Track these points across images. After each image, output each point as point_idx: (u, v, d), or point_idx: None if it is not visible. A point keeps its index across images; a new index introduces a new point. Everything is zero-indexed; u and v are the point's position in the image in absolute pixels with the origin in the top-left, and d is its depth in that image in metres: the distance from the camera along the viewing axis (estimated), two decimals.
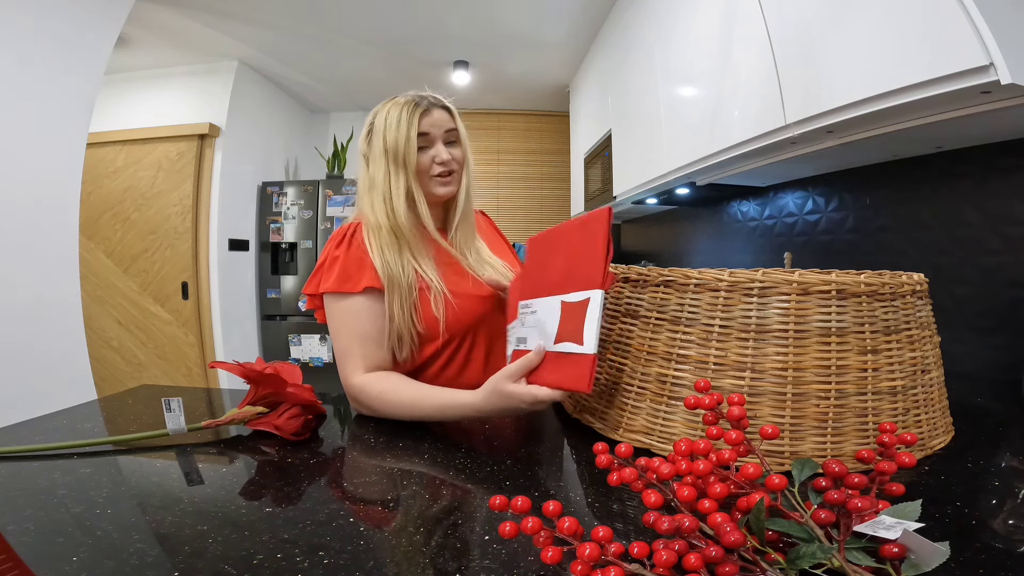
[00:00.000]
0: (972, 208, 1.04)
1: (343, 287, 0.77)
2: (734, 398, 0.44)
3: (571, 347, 0.55)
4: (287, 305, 3.27)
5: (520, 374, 0.61)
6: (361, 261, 0.79)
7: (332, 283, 0.78)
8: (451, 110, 0.86)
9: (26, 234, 1.61)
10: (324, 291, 0.79)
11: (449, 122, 0.85)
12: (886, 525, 0.33)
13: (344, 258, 0.79)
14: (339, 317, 0.79)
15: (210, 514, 0.45)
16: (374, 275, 0.78)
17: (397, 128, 0.80)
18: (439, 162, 0.83)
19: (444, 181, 0.85)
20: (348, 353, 0.78)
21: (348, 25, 2.61)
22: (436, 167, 0.83)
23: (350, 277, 0.78)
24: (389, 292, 0.78)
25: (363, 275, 0.78)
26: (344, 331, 0.78)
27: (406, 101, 0.83)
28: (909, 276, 0.59)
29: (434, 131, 0.83)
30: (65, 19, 1.70)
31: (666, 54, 1.78)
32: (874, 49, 0.87)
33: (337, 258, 0.79)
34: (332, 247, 0.82)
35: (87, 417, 0.74)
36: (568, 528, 0.35)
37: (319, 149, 3.76)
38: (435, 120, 0.83)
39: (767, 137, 1.18)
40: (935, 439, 0.59)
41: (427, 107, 0.83)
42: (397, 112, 0.82)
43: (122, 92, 2.96)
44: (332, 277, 0.78)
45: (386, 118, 0.82)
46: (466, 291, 0.83)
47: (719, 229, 2.12)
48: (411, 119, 0.81)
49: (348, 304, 0.78)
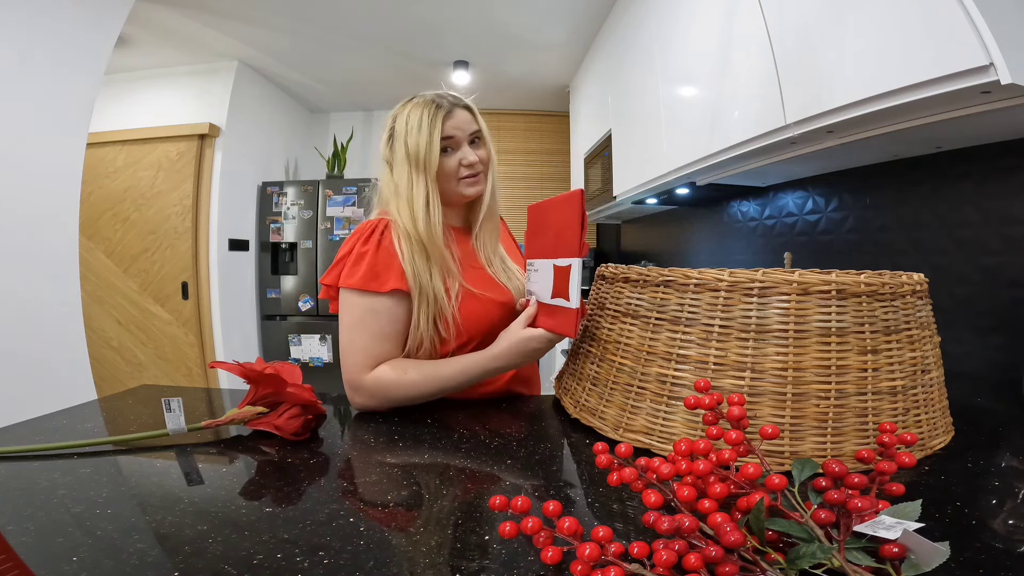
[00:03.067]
0: (972, 208, 1.04)
1: (369, 286, 0.76)
2: (734, 398, 0.44)
3: (562, 302, 0.68)
4: (287, 305, 3.28)
5: (527, 322, 0.73)
6: (389, 263, 0.78)
7: (358, 279, 0.76)
8: (472, 109, 0.85)
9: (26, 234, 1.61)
10: (348, 286, 0.77)
11: (472, 123, 0.84)
12: (886, 525, 0.33)
13: (373, 256, 0.78)
14: (358, 314, 0.78)
15: (210, 514, 0.45)
16: (401, 278, 0.77)
17: (419, 132, 0.79)
18: (466, 164, 0.83)
19: (472, 182, 0.84)
20: (362, 350, 0.77)
21: (348, 25, 2.61)
22: (463, 170, 0.83)
23: (377, 276, 0.77)
24: (417, 299, 0.78)
25: (391, 276, 0.77)
26: (362, 328, 0.77)
27: (426, 103, 0.81)
28: (909, 276, 0.59)
29: (459, 134, 0.82)
30: (65, 19, 1.70)
31: (666, 54, 1.78)
32: (874, 49, 0.87)
33: (365, 254, 0.78)
34: (359, 242, 0.80)
35: (87, 417, 0.74)
36: (568, 528, 0.35)
37: (319, 149, 3.76)
38: (458, 122, 0.82)
39: (767, 137, 1.18)
40: (935, 439, 0.59)
41: (449, 108, 0.81)
42: (418, 115, 0.80)
43: (122, 92, 2.96)
44: (359, 273, 0.77)
45: (407, 121, 0.80)
46: (488, 296, 0.84)
47: (719, 229, 2.12)
48: (433, 122, 0.79)
49: (371, 302, 0.77)
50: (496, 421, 0.73)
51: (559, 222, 0.71)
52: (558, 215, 0.71)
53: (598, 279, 0.77)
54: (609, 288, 0.72)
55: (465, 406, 0.79)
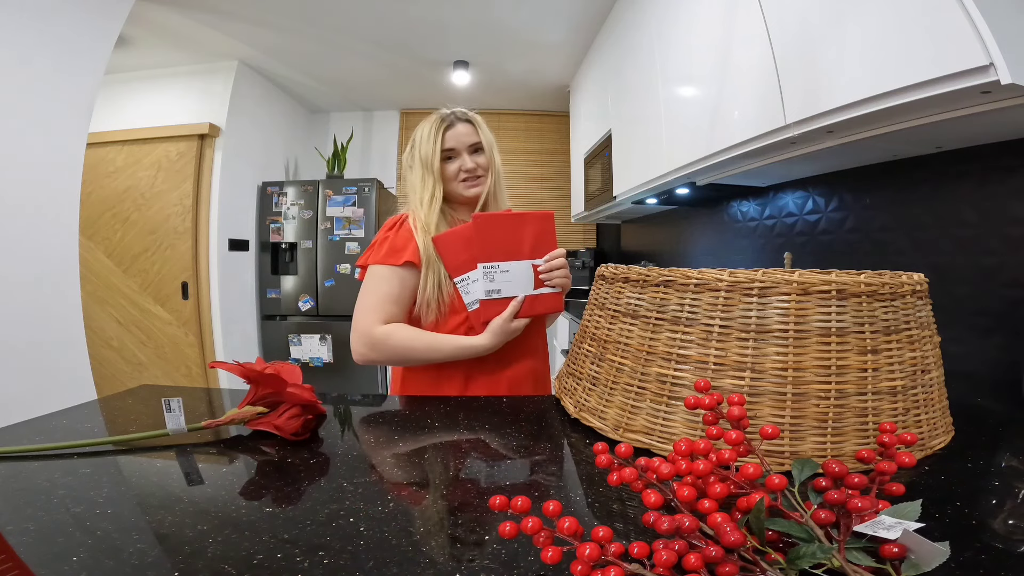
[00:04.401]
0: (972, 208, 1.04)
1: (387, 259, 0.94)
2: (734, 398, 0.44)
3: (546, 290, 0.94)
4: (287, 305, 3.28)
5: (515, 314, 0.92)
6: (407, 242, 0.95)
7: (380, 257, 0.95)
8: (473, 122, 1.02)
9: (26, 234, 1.61)
10: (373, 263, 0.96)
11: (472, 135, 1.01)
12: (886, 525, 0.33)
13: (393, 238, 0.96)
14: (374, 281, 0.95)
15: (210, 514, 0.45)
16: (415, 253, 0.94)
17: (425, 142, 0.99)
18: (464, 170, 1.00)
19: (470, 184, 1.01)
20: (376, 307, 0.93)
21: (348, 25, 2.61)
22: (462, 174, 1.00)
23: (395, 251, 0.95)
24: (425, 269, 0.94)
25: (406, 251, 0.94)
26: (375, 290, 0.94)
27: (435, 117, 1.01)
28: (909, 276, 0.59)
29: (459, 146, 0.99)
30: (65, 19, 1.70)
31: (666, 54, 1.78)
32: (874, 49, 0.87)
33: (387, 238, 0.96)
34: (384, 231, 0.99)
35: (87, 417, 0.74)
36: (568, 528, 0.35)
37: (319, 149, 3.76)
38: (458, 133, 0.99)
39: (767, 137, 1.18)
40: (935, 439, 0.59)
41: (451, 122, 1.00)
42: (427, 127, 1.00)
43: (122, 92, 2.96)
44: (381, 252, 0.95)
45: (420, 133, 1.01)
46: None
47: (719, 229, 2.12)
48: (436, 134, 0.98)
49: (386, 272, 0.95)
50: (496, 421, 0.73)
51: (536, 233, 0.92)
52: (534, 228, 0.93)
53: (598, 279, 0.77)
54: (609, 288, 0.71)
55: (465, 406, 0.79)
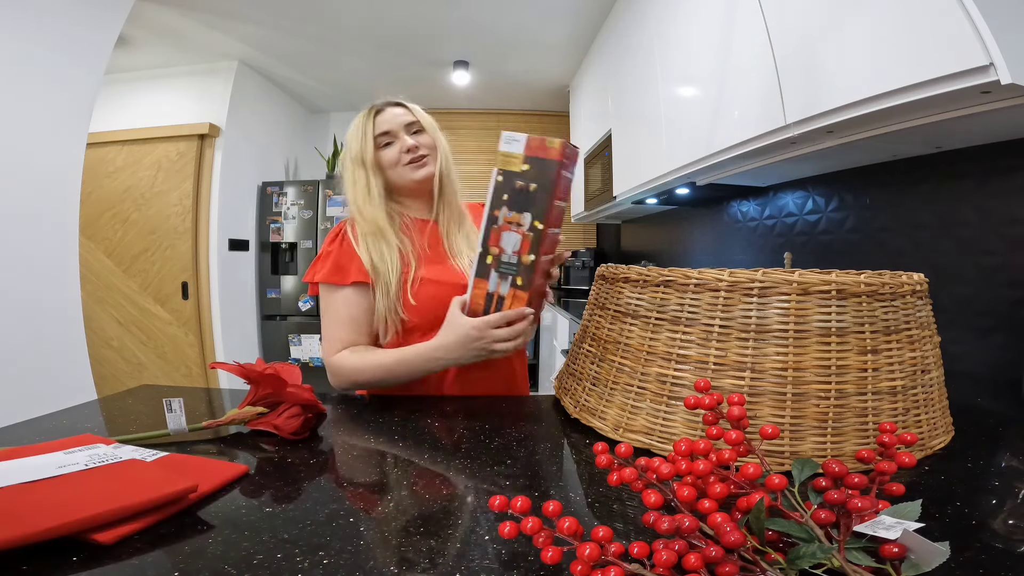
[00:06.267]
0: (972, 208, 1.04)
1: (333, 279, 0.87)
2: (734, 398, 0.44)
3: None
4: (287, 305, 3.28)
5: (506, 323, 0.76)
6: (350, 256, 0.87)
7: (325, 274, 0.87)
8: (406, 105, 0.93)
9: (26, 234, 1.61)
10: (318, 281, 0.89)
11: (406, 115, 0.92)
12: (886, 525, 0.33)
13: (336, 253, 0.88)
14: (326, 304, 0.89)
15: (210, 514, 0.45)
16: (361, 270, 0.86)
17: (354, 137, 0.91)
18: (405, 150, 0.90)
19: (416, 165, 0.91)
20: (330, 336, 0.88)
21: (348, 25, 2.61)
22: (405, 156, 0.90)
23: (340, 269, 0.87)
24: (376, 285, 0.85)
25: (351, 269, 0.87)
26: (331, 315, 0.88)
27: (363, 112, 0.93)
28: (909, 276, 0.59)
29: (394, 127, 0.90)
30: (65, 19, 1.70)
31: (666, 54, 1.78)
32: (874, 49, 0.87)
33: (330, 252, 0.89)
34: (328, 242, 0.91)
35: (87, 417, 0.74)
36: (568, 528, 0.35)
37: (319, 149, 3.76)
38: (388, 117, 0.91)
39: (767, 137, 1.18)
40: (935, 439, 0.59)
41: (381, 107, 0.92)
42: (356, 121, 0.92)
43: (122, 92, 2.96)
44: (326, 268, 0.88)
45: (349, 130, 0.93)
46: (447, 279, 0.88)
47: (719, 229, 2.12)
48: (366, 123, 0.90)
49: (337, 294, 0.88)
50: (496, 421, 0.73)
51: None
52: None
53: (598, 279, 0.77)
54: (609, 288, 0.71)
55: (465, 406, 0.79)
